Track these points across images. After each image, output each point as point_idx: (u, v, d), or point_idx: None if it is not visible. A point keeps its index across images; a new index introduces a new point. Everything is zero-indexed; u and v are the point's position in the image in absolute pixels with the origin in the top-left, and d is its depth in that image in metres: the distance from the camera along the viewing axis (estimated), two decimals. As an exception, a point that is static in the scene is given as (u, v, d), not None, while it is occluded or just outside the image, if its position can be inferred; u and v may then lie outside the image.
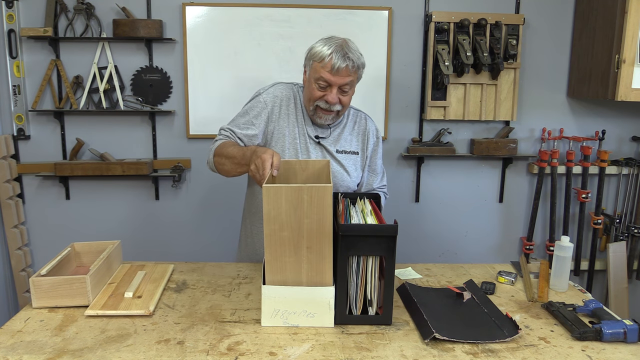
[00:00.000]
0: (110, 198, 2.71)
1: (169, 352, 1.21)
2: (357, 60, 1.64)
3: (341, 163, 1.78)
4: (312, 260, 1.31)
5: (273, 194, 1.26)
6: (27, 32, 2.45)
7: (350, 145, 1.81)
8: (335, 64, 1.60)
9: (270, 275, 1.32)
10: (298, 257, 1.31)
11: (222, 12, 2.56)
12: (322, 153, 1.77)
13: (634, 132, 2.81)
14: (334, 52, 1.61)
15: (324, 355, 1.21)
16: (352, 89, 1.70)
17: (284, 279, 1.32)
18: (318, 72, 1.63)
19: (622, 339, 1.28)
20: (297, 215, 1.27)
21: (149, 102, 2.62)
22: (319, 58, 1.63)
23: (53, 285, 1.41)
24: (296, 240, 1.29)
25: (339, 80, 1.63)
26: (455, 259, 2.86)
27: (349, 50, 1.63)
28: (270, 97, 1.76)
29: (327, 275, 1.32)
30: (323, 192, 1.26)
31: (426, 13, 2.64)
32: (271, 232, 1.29)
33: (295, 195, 1.26)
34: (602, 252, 2.87)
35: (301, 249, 1.30)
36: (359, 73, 1.69)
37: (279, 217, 1.28)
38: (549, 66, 2.73)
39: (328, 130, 1.79)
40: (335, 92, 1.64)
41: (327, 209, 1.27)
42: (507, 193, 2.84)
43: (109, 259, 1.60)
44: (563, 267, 1.60)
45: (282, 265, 1.31)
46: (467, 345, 1.26)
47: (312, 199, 1.26)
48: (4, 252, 2.64)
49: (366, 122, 1.86)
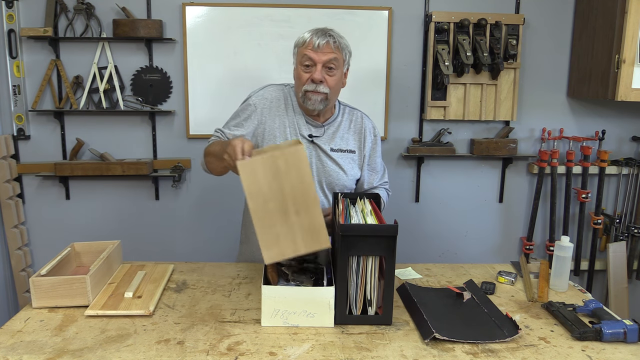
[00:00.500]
0: (110, 198, 2.71)
1: (169, 352, 1.21)
2: (339, 39, 1.70)
3: (336, 161, 1.78)
4: (304, 223, 1.28)
5: (249, 168, 1.25)
6: (27, 32, 2.45)
7: (346, 144, 1.81)
8: (316, 41, 1.66)
9: (267, 251, 1.28)
10: (289, 224, 1.28)
11: (222, 12, 2.56)
12: (315, 152, 1.77)
13: (634, 132, 2.81)
14: (314, 33, 1.68)
15: (324, 355, 1.21)
16: (339, 70, 1.70)
17: (281, 251, 1.29)
18: (301, 53, 1.69)
19: (622, 339, 1.28)
20: (278, 184, 1.26)
21: (149, 102, 2.62)
22: (302, 42, 1.71)
23: (53, 285, 1.41)
24: (283, 208, 1.27)
25: (322, 57, 1.66)
26: (455, 259, 2.86)
27: (331, 30, 1.70)
28: (260, 99, 1.79)
29: (322, 236, 1.29)
30: (297, 154, 1.25)
31: (426, 13, 2.64)
32: (256, 207, 1.27)
33: (271, 164, 1.25)
34: (602, 252, 2.87)
35: (290, 216, 1.28)
36: (343, 54, 1.71)
37: (261, 191, 1.26)
38: (549, 66, 2.73)
39: (322, 128, 1.78)
40: (319, 69, 1.66)
41: (305, 170, 1.26)
42: (507, 193, 2.84)
43: (109, 259, 1.60)
44: (563, 267, 1.60)
45: (275, 237, 1.28)
46: (467, 345, 1.26)
47: (288, 164, 1.26)
48: (4, 252, 2.64)
49: (362, 120, 1.85)
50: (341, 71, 1.72)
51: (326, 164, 1.77)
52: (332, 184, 1.78)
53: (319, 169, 1.77)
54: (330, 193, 1.79)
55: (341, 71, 1.72)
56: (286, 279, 1.43)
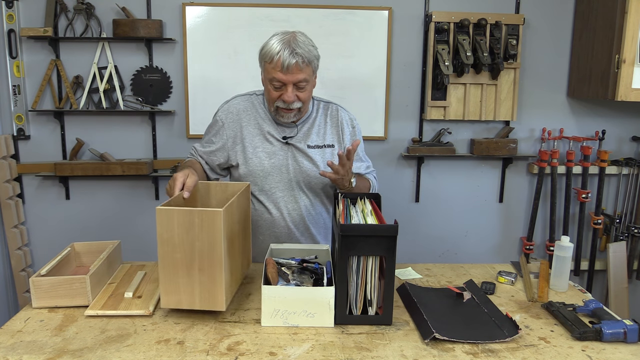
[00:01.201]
0: (110, 198, 2.71)
1: (169, 352, 1.21)
2: (307, 55, 1.61)
3: (312, 159, 1.77)
4: (204, 282, 1.32)
5: (165, 216, 1.29)
6: (27, 32, 2.45)
7: (323, 139, 1.80)
8: (285, 62, 1.58)
9: (165, 296, 1.34)
10: (190, 278, 1.32)
11: (222, 12, 2.56)
12: (291, 152, 1.76)
13: (634, 132, 2.81)
14: (281, 49, 1.59)
15: (324, 355, 1.21)
16: (310, 83, 1.68)
17: (178, 300, 1.34)
18: (270, 73, 1.64)
19: (622, 339, 1.28)
20: (189, 238, 1.30)
21: (149, 102, 2.62)
22: (269, 58, 1.62)
23: (53, 285, 1.41)
24: (188, 262, 1.31)
25: (291, 78, 1.61)
26: (455, 259, 2.86)
27: (297, 45, 1.60)
28: (225, 114, 1.81)
29: (219, 298, 1.33)
30: (213, 217, 1.28)
31: (426, 13, 2.64)
32: (164, 254, 1.31)
33: (187, 218, 1.29)
34: (602, 252, 2.87)
35: (193, 271, 1.32)
36: (312, 66, 1.66)
37: (171, 240, 1.30)
38: (549, 66, 2.73)
39: (295, 128, 1.78)
40: (290, 90, 1.63)
41: (217, 233, 1.29)
42: (507, 193, 2.84)
43: (109, 259, 1.60)
44: (563, 267, 1.60)
45: (176, 286, 1.33)
46: (467, 345, 1.26)
47: (203, 222, 1.29)
48: (4, 252, 2.64)
49: (338, 113, 1.83)
50: (312, 82, 1.70)
51: (302, 164, 1.76)
52: (310, 183, 1.78)
53: (295, 169, 1.77)
54: (309, 191, 1.80)
55: (312, 82, 1.70)
56: (286, 279, 1.43)
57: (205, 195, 1.66)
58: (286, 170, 1.76)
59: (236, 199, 1.45)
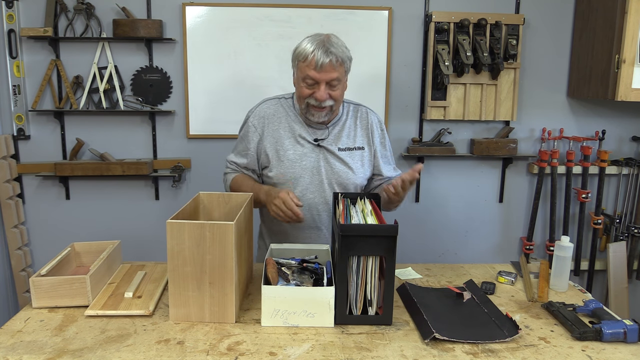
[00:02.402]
0: (110, 198, 2.71)
1: (169, 352, 1.21)
2: (341, 54, 1.65)
3: (344, 161, 1.78)
4: (214, 295, 1.34)
5: (176, 230, 1.30)
6: (27, 32, 2.45)
7: (354, 142, 1.81)
8: (319, 61, 1.61)
9: (174, 309, 1.35)
10: (201, 292, 1.34)
11: (222, 12, 2.56)
12: (323, 155, 1.77)
13: (634, 132, 2.81)
14: (316, 49, 1.62)
15: (324, 355, 1.21)
16: (342, 83, 1.70)
17: (187, 313, 1.35)
18: (304, 71, 1.66)
19: (622, 339, 1.28)
20: (199, 251, 1.31)
21: (149, 102, 2.62)
22: (303, 57, 1.65)
23: (53, 285, 1.41)
24: (199, 275, 1.32)
25: (324, 77, 1.64)
26: (455, 259, 2.86)
27: (331, 45, 1.64)
28: (257, 119, 1.82)
29: (229, 311, 1.34)
30: (225, 230, 1.29)
31: (426, 13, 2.64)
32: (175, 267, 1.32)
33: (198, 231, 1.30)
34: (602, 252, 2.87)
35: (204, 284, 1.33)
36: (345, 66, 1.69)
37: (182, 253, 1.31)
38: (549, 66, 2.73)
39: (326, 130, 1.79)
40: (323, 89, 1.65)
41: (228, 246, 1.30)
42: (507, 193, 2.84)
43: (109, 259, 1.60)
44: (563, 267, 1.60)
45: (186, 299, 1.34)
46: (467, 345, 1.26)
47: (214, 235, 1.30)
48: (4, 252, 2.64)
49: (368, 116, 1.86)
50: (344, 82, 1.72)
51: (334, 166, 1.77)
52: (343, 184, 1.79)
53: (327, 171, 1.78)
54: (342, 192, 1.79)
55: (344, 82, 1.72)
56: (286, 279, 1.43)
57: (209, 206, 1.66)
58: (317, 172, 1.77)
59: (243, 211, 1.46)
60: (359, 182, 1.82)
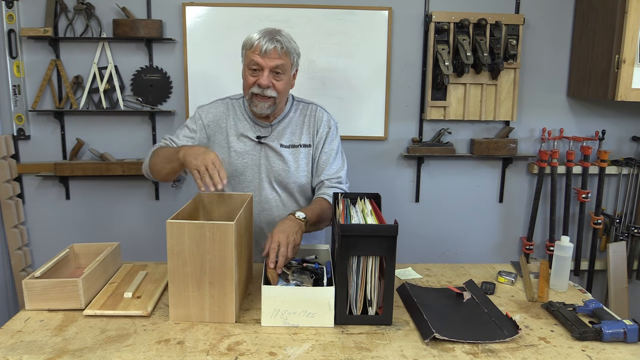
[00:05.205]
0: (110, 198, 2.71)
1: (169, 352, 1.21)
2: (287, 44, 1.68)
3: (284, 158, 1.78)
4: (214, 295, 1.34)
5: (176, 229, 1.30)
6: (27, 32, 2.45)
7: (298, 139, 1.81)
8: (263, 46, 1.64)
9: (174, 310, 1.35)
10: (201, 292, 1.34)
11: (222, 12, 2.56)
12: (264, 152, 1.78)
13: (634, 132, 2.81)
14: (262, 37, 1.66)
15: (324, 355, 1.21)
16: (287, 74, 1.71)
17: (187, 313, 1.35)
18: (249, 57, 1.68)
19: (622, 339, 1.28)
20: (199, 251, 1.31)
21: (149, 102, 2.62)
22: (249, 45, 1.68)
23: (46, 287, 1.40)
24: (199, 275, 1.32)
25: (269, 62, 1.65)
26: (455, 259, 2.86)
27: (278, 34, 1.68)
28: (205, 113, 1.84)
29: (229, 311, 1.34)
30: (225, 230, 1.29)
31: (426, 13, 2.64)
32: (174, 267, 1.32)
33: (198, 231, 1.30)
34: (602, 252, 2.87)
35: (204, 284, 1.33)
36: (290, 58, 1.70)
37: (182, 253, 1.31)
38: (549, 66, 2.73)
39: (270, 127, 1.80)
40: (267, 75, 1.66)
41: (228, 246, 1.30)
42: (507, 193, 2.84)
43: (105, 261, 1.59)
44: (563, 267, 1.60)
45: (186, 300, 1.34)
46: (467, 345, 1.26)
47: (214, 236, 1.30)
48: (4, 252, 2.64)
49: (316, 113, 1.85)
50: (289, 74, 1.73)
51: (274, 163, 1.78)
52: (282, 182, 1.80)
53: (267, 168, 1.79)
54: (282, 190, 1.82)
55: (289, 74, 1.73)
56: (286, 279, 1.43)
57: (209, 206, 1.66)
58: (258, 169, 1.79)
59: (243, 211, 1.46)
60: (302, 181, 1.81)
